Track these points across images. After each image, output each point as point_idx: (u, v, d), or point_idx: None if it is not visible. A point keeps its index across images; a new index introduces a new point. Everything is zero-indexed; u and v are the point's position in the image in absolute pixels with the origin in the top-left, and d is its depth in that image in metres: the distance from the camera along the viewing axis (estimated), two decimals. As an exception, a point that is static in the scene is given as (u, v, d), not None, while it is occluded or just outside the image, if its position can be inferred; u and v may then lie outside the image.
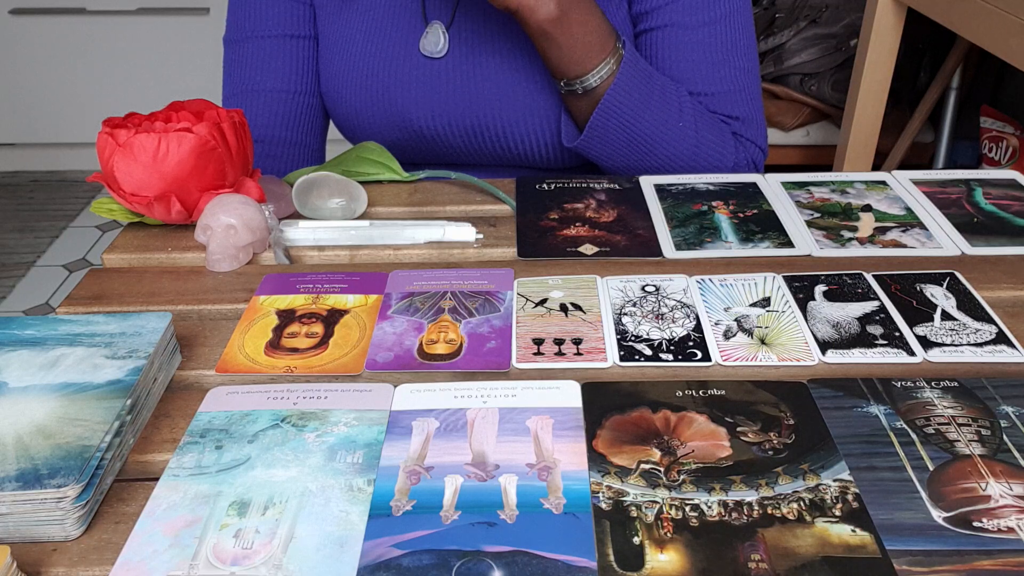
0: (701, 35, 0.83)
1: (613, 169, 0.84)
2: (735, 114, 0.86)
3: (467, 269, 0.67)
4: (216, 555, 0.42)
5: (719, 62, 0.84)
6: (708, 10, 0.83)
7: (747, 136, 0.87)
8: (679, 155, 0.82)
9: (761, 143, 0.89)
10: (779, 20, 1.91)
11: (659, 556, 0.42)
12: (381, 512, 0.45)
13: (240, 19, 0.90)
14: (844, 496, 0.45)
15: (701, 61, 0.84)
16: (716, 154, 0.84)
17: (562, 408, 0.51)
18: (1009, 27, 1.17)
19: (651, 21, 0.84)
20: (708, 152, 0.83)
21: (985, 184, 0.77)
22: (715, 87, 0.85)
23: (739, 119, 0.86)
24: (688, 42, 0.83)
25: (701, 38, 0.83)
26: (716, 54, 0.84)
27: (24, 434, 0.46)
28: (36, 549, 0.44)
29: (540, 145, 0.87)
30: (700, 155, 0.83)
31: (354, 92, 0.87)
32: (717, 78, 0.84)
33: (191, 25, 2.41)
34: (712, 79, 0.84)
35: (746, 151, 0.87)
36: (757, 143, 0.88)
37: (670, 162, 0.83)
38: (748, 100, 0.87)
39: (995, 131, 1.83)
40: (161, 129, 0.68)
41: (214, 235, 0.67)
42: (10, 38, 2.42)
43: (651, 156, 0.82)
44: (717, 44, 0.84)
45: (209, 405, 0.53)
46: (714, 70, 0.84)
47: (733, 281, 0.64)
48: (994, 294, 0.62)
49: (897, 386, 0.52)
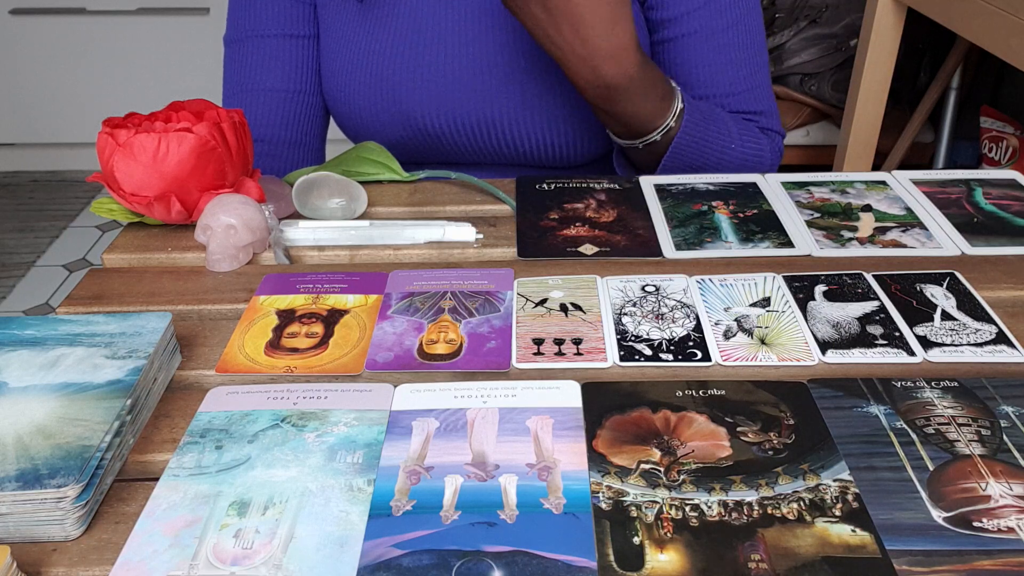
0: (724, 39, 0.85)
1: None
2: (758, 109, 0.88)
3: (467, 269, 0.67)
4: (216, 555, 0.42)
5: (740, 62, 0.86)
6: (729, 13, 0.84)
7: (771, 127, 0.90)
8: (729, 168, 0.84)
9: (780, 129, 0.91)
10: (779, 20, 1.91)
11: (659, 556, 0.42)
12: (381, 512, 0.45)
13: (240, 19, 0.89)
14: (844, 496, 0.45)
15: (727, 64, 0.85)
16: (756, 157, 0.86)
17: (562, 408, 0.51)
18: (1009, 27, 1.17)
19: (675, 29, 0.85)
20: (751, 157, 0.85)
21: (985, 184, 0.77)
22: (738, 87, 0.87)
23: (762, 113, 0.89)
24: (712, 47, 0.85)
25: (724, 42, 0.85)
26: (738, 55, 0.86)
27: (24, 434, 0.46)
28: (36, 549, 0.44)
29: (548, 143, 0.87)
30: (746, 163, 0.85)
31: (359, 90, 0.87)
32: (740, 78, 0.86)
33: (191, 25, 2.41)
34: (736, 80, 0.86)
35: (772, 142, 0.89)
36: (777, 130, 0.91)
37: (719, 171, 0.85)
38: (765, 94, 0.89)
39: (995, 131, 1.83)
40: (161, 129, 0.68)
41: (214, 235, 0.67)
42: (10, 38, 2.42)
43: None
44: (738, 46, 0.85)
45: (209, 405, 0.53)
46: (736, 71, 0.86)
47: (733, 281, 0.64)
48: (994, 294, 0.62)
49: (897, 386, 0.52)
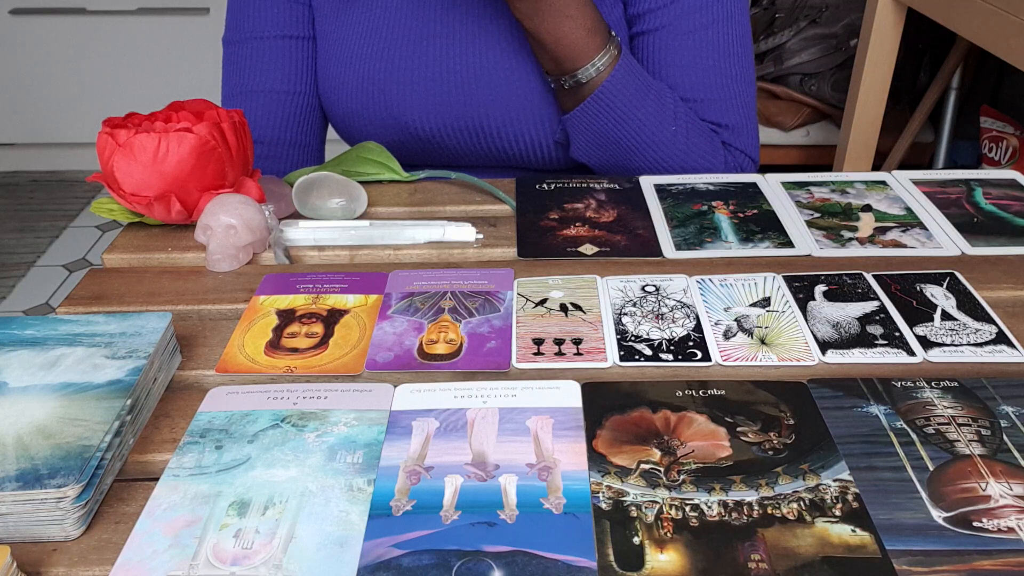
0: (694, 40, 0.83)
1: (599, 167, 0.84)
2: (724, 122, 0.85)
3: (467, 269, 0.67)
4: (216, 555, 0.42)
5: (710, 68, 0.83)
6: (701, 15, 0.82)
7: (736, 145, 0.87)
8: (668, 159, 0.82)
9: (751, 152, 0.88)
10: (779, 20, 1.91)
11: (659, 556, 0.42)
12: (381, 512, 0.45)
13: (239, 20, 0.90)
14: (844, 496, 0.45)
15: (692, 66, 0.83)
16: (705, 161, 0.83)
17: (562, 408, 0.51)
18: (1009, 27, 1.17)
19: (645, 24, 0.83)
20: (697, 159, 0.83)
21: (985, 184, 0.77)
22: (705, 93, 0.84)
23: (728, 127, 0.86)
24: (680, 46, 0.83)
25: (693, 43, 0.83)
26: (707, 60, 0.83)
27: (24, 434, 0.46)
28: (36, 549, 0.44)
29: (537, 146, 0.87)
30: (689, 161, 0.83)
31: (351, 93, 0.87)
32: (707, 84, 0.84)
33: (191, 25, 2.41)
34: (702, 85, 0.84)
35: (735, 160, 0.87)
36: (747, 152, 0.87)
37: (658, 164, 0.82)
38: (739, 108, 0.86)
39: (995, 131, 1.83)
40: (161, 129, 0.68)
41: (214, 235, 0.67)
42: (10, 38, 2.42)
43: (640, 157, 0.82)
44: (709, 50, 0.83)
45: (209, 405, 0.53)
46: (705, 76, 0.83)
47: (733, 281, 0.64)
48: (994, 294, 0.62)
49: (897, 386, 0.52)
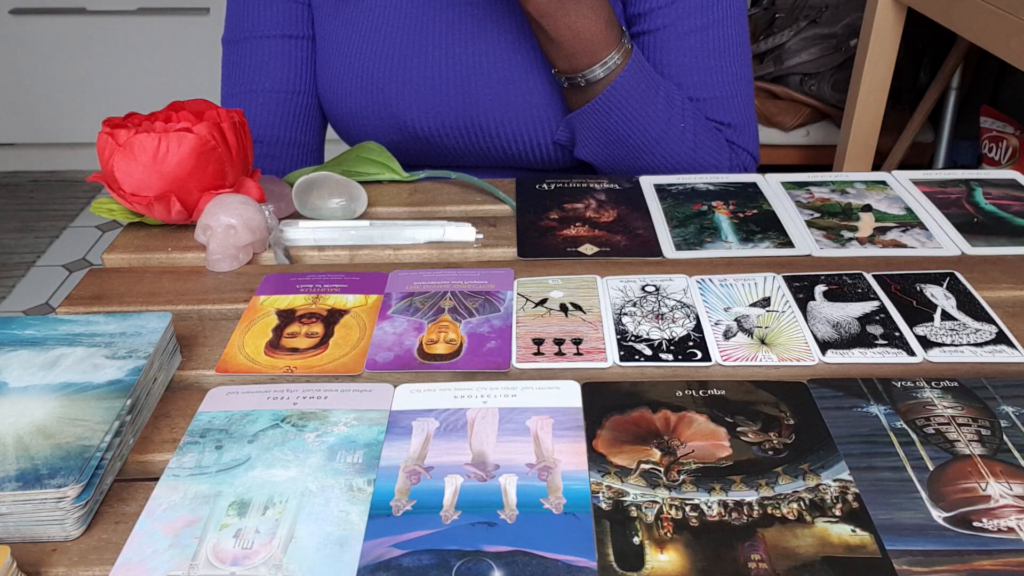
0: (694, 40, 0.83)
1: (604, 165, 0.84)
2: (727, 120, 0.86)
3: (467, 269, 0.67)
4: (216, 555, 0.42)
5: (711, 67, 0.84)
6: (702, 15, 0.82)
7: (739, 143, 0.87)
8: (676, 157, 0.82)
9: (753, 150, 0.88)
10: (779, 20, 1.91)
11: (659, 556, 0.42)
12: (381, 512, 0.45)
13: (238, 19, 0.90)
14: (844, 496, 0.45)
15: (693, 66, 0.83)
16: (712, 159, 0.84)
17: (562, 408, 0.51)
18: (1009, 27, 1.17)
19: (645, 24, 0.83)
20: (704, 156, 0.83)
21: (985, 184, 0.77)
22: (707, 92, 0.84)
23: (731, 126, 0.86)
24: (681, 46, 0.83)
25: (694, 43, 0.83)
26: (708, 59, 0.83)
27: (24, 434, 0.46)
28: (36, 549, 0.44)
29: (536, 146, 0.87)
30: (697, 159, 0.83)
31: (350, 93, 0.87)
32: (709, 83, 0.84)
33: (191, 25, 2.41)
34: (704, 84, 0.84)
35: (739, 158, 0.87)
36: (749, 150, 0.88)
37: (666, 162, 0.82)
38: (740, 107, 0.86)
39: (995, 131, 1.83)
40: (161, 129, 0.68)
41: (214, 235, 0.67)
42: (10, 38, 2.42)
43: (648, 155, 0.82)
44: (709, 49, 0.83)
45: (209, 405, 0.53)
46: (706, 75, 0.84)
47: (733, 281, 0.64)
48: (994, 294, 0.62)
49: (897, 386, 0.52)
